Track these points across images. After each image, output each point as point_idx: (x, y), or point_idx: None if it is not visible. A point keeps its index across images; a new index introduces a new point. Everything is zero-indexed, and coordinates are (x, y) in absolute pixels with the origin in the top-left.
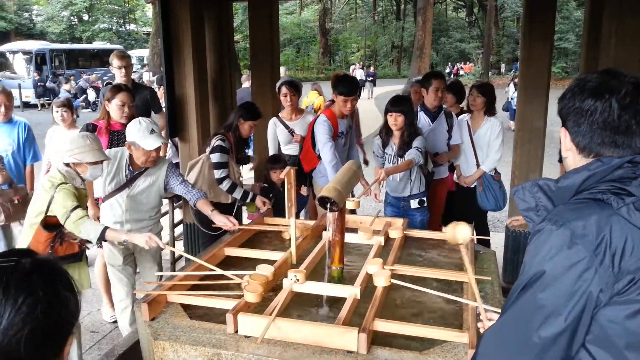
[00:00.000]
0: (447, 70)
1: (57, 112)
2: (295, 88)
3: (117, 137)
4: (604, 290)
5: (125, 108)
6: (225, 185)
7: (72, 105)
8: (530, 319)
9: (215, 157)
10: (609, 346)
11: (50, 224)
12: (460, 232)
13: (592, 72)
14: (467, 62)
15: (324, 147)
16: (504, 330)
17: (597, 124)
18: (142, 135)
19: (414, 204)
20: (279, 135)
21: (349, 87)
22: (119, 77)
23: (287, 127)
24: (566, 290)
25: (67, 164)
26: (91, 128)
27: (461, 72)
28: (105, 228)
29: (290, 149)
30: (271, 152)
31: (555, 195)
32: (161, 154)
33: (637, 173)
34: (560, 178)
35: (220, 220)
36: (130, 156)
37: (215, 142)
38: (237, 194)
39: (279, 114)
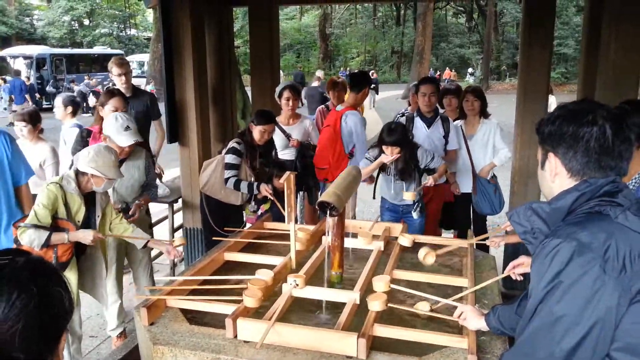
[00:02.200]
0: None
1: (17, 126)
2: (298, 93)
3: None
4: (622, 295)
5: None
6: (229, 184)
7: (35, 118)
8: (550, 332)
9: (227, 158)
10: (635, 350)
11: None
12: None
13: (574, 102)
14: (447, 68)
15: (364, 147)
16: (524, 349)
17: (594, 149)
18: (117, 131)
19: (415, 215)
20: (275, 140)
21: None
22: (119, 84)
23: (284, 131)
24: (582, 298)
25: (81, 173)
26: (85, 134)
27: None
28: (50, 234)
29: (286, 154)
30: None
31: (549, 217)
32: None
33: (620, 187)
34: (552, 200)
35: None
36: None
37: (230, 144)
38: (244, 188)
39: (275, 118)
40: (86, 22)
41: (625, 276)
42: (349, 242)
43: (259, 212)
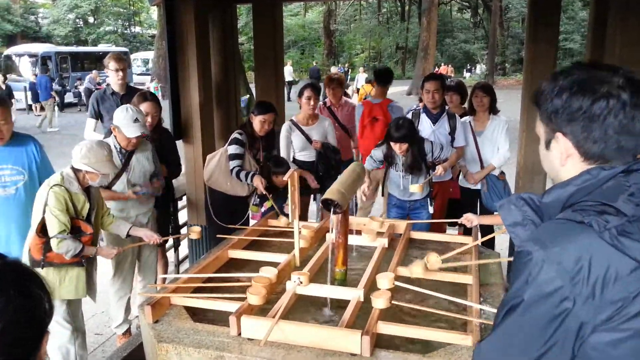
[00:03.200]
0: None
1: None
2: (318, 92)
3: None
4: (585, 322)
5: (149, 118)
6: (234, 174)
7: None
8: (513, 342)
9: (230, 149)
10: None
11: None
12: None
13: (577, 66)
14: (442, 64)
15: None
16: (493, 347)
17: (614, 128)
18: (127, 122)
19: (432, 208)
20: (294, 141)
21: None
22: (115, 80)
23: (303, 132)
24: (543, 317)
25: (76, 169)
26: None
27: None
28: (83, 247)
29: (305, 155)
30: (284, 157)
31: (541, 210)
32: None
33: (629, 183)
34: (545, 193)
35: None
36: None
37: (233, 135)
38: (243, 178)
39: (293, 118)
40: (91, 19)
41: (592, 303)
42: (353, 240)
43: (262, 209)
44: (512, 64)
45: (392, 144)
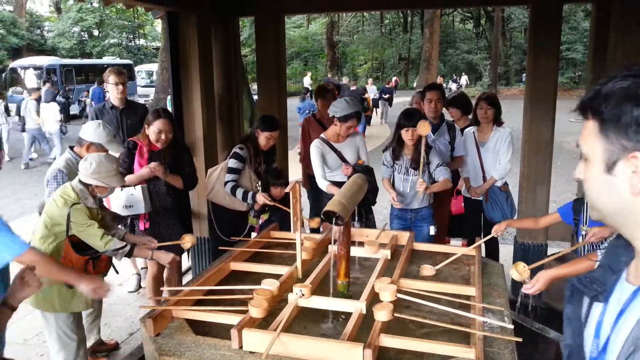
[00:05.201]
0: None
1: None
2: (358, 117)
3: (156, 157)
4: None
5: (162, 135)
6: (227, 187)
7: None
8: None
9: (230, 163)
10: None
11: (77, 244)
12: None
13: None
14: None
15: None
16: None
17: None
18: (108, 140)
19: (432, 230)
20: (328, 160)
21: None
22: (115, 94)
23: (335, 150)
24: None
25: (85, 184)
26: (132, 145)
27: None
28: (132, 247)
29: (337, 176)
30: (319, 178)
31: None
32: None
33: None
34: None
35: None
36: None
37: (234, 149)
38: (239, 195)
39: (323, 136)
40: (95, 32)
41: None
42: (355, 251)
43: (260, 222)
44: (515, 74)
45: (403, 132)
